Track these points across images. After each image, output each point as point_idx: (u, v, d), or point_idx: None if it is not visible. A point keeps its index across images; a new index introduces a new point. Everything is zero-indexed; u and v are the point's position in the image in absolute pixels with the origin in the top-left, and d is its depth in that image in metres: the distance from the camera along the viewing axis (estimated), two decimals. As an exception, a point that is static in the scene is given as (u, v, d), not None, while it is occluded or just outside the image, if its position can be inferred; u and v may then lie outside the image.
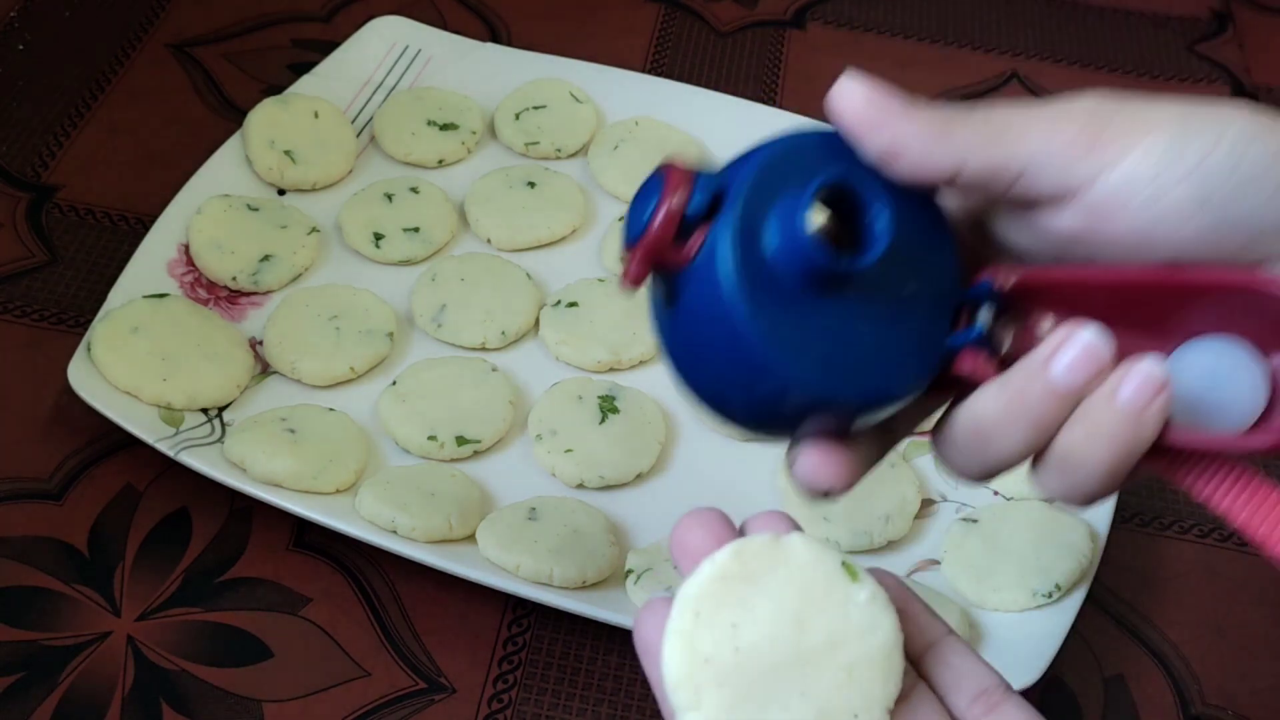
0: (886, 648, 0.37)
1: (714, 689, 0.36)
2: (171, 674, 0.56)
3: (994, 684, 0.38)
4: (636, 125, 0.80)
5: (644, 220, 0.37)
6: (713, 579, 0.37)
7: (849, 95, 0.37)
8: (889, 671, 0.37)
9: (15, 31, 0.85)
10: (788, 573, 0.37)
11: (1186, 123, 0.37)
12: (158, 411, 0.63)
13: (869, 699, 0.37)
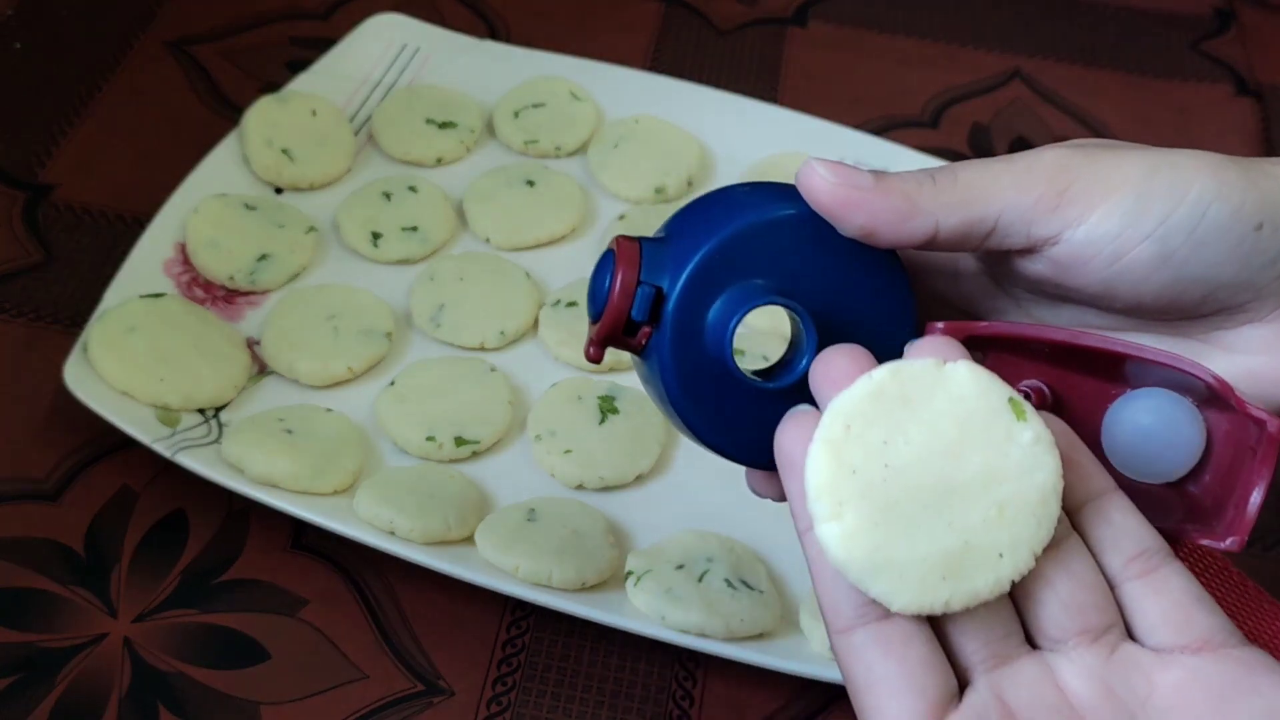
0: (1044, 491, 0.36)
1: (857, 501, 0.35)
2: (168, 676, 0.56)
3: (1155, 545, 0.37)
4: (636, 123, 0.80)
5: (597, 310, 0.41)
6: (868, 395, 0.36)
7: (817, 182, 0.39)
8: (1043, 516, 0.36)
9: (11, 30, 0.84)
10: (948, 401, 0.36)
11: (1150, 181, 0.38)
12: (154, 412, 0.62)
13: (1017, 540, 0.35)
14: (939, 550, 0.35)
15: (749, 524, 0.62)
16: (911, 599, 0.35)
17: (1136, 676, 0.36)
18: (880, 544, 0.35)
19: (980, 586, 0.35)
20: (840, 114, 0.81)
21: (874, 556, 0.35)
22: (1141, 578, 0.37)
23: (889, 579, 0.35)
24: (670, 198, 0.77)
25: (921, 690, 0.35)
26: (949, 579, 0.35)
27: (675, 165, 0.78)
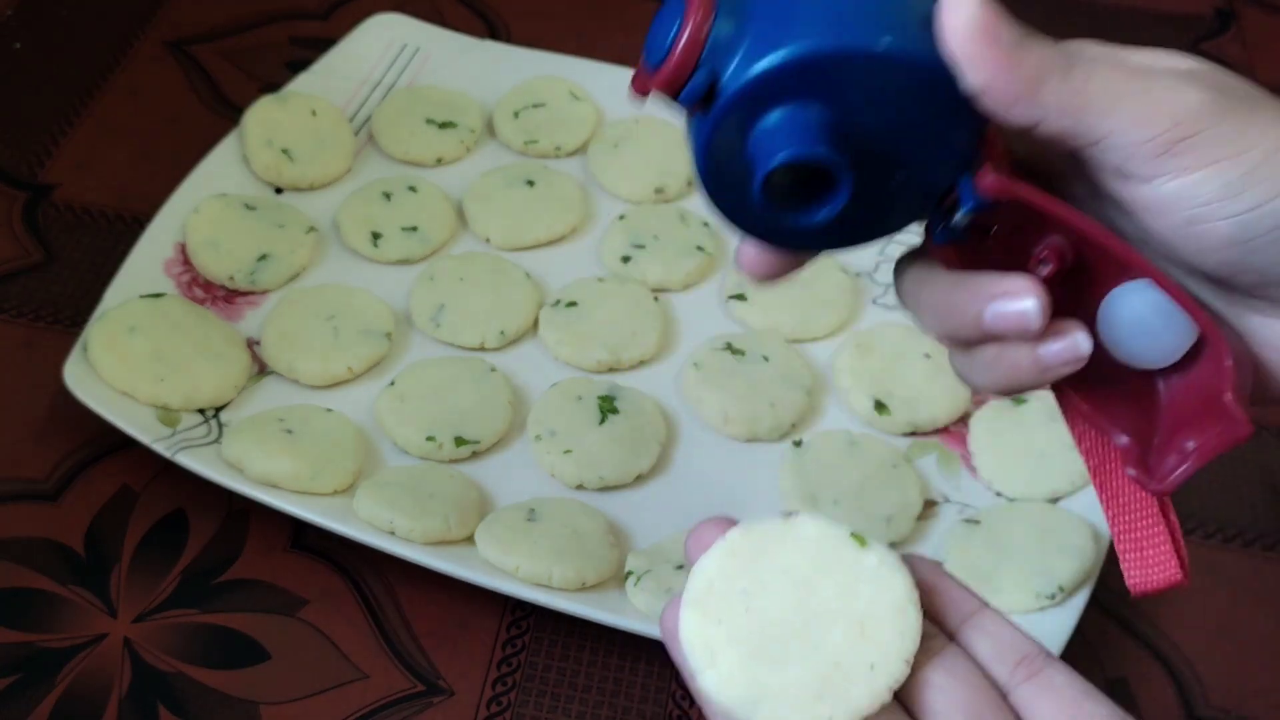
0: (899, 603, 0.38)
1: (726, 647, 0.38)
2: (168, 676, 0.56)
3: (1034, 651, 0.39)
4: (636, 123, 0.80)
5: (654, 64, 0.39)
6: (725, 554, 0.39)
7: (961, 16, 0.36)
8: (905, 627, 0.38)
9: (11, 29, 0.84)
10: (797, 545, 0.39)
11: (1267, 163, 0.37)
12: (154, 412, 0.62)
13: (884, 651, 0.38)
14: (811, 674, 0.37)
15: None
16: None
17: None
18: (754, 680, 0.37)
19: (860, 700, 0.37)
20: (840, 114, 0.81)
21: (751, 692, 0.37)
22: (1029, 681, 0.38)
23: (770, 710, 0.37)
24: (670, 198, 0.77)
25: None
26: (825, 697, 0.37)
27: (675, 165, 0.78)
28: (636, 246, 0.73)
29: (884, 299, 0.74)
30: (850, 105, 0.37)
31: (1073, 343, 0.39)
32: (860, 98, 0.37)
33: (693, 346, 0.70)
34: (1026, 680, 0.38)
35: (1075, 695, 0.38)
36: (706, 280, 0.74)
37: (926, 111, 0.37)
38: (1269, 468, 0.69)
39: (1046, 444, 0.65)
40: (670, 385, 0.68)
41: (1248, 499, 0.68)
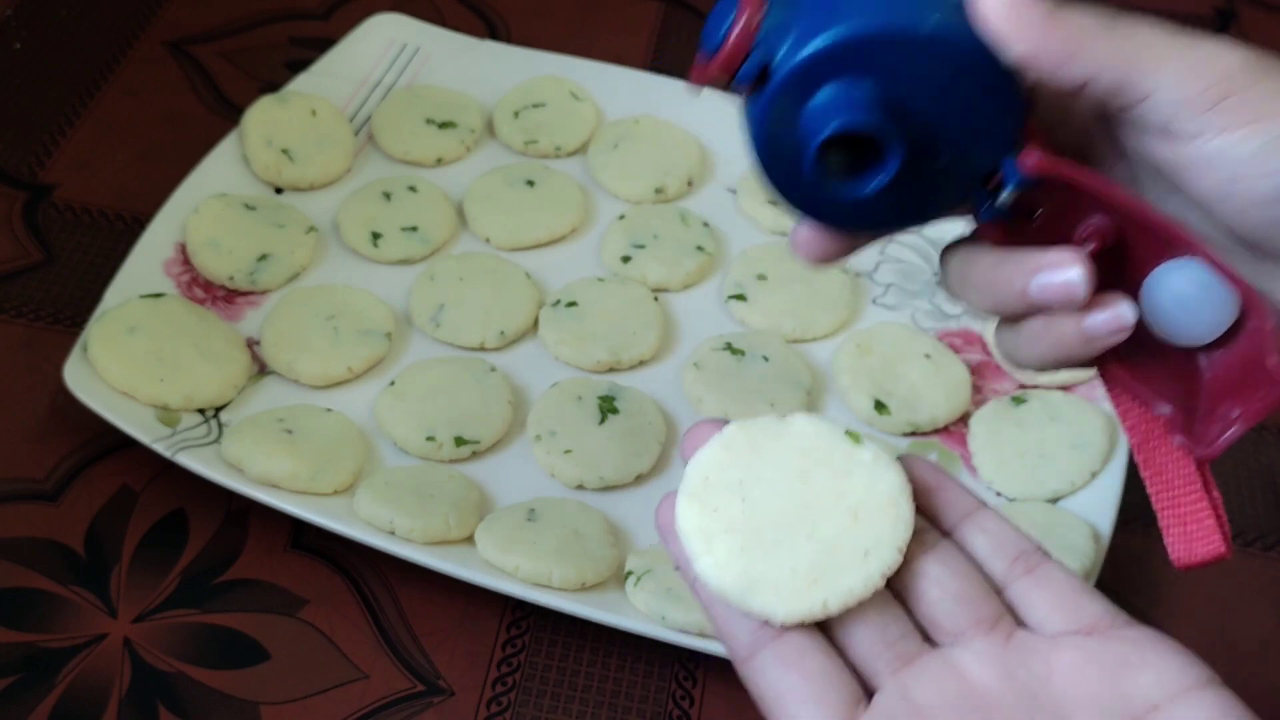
0: (893, 493, 0.39)
1: (724, 535, 0.38)
2: (168, 676, 0.56)
3: (1031, 548, 0.39)
4: (636, 123, 0.80)
5: (710, 50, 0.41)
6: (721, 448, 0.40)
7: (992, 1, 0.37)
8: (897, 516, 0.39)
9: (11, 29, 0.84)
10: (792, 441, 0.40)
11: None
12: (154, 412, 0.62)
13: (878, 539, 0.38)
14: (805, 561, 0.38)
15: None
16: (790, 608, 0.38)
17: (1034, 659, 0.37)
18: (750, 565, 0.38)
19: (853, 584, 0.38)
20: (840, 114, 0.81)
21: (747, 577, 0.38)
22: (1026, 575, 0.39)
23: (764, 594, 0.38)
24: (670, 198, 0.77)
25: (823, 697, 0.37)
26: (820, 582, 0.38)
27: (675, 165, 0.78)
28: (636, 246, 0.73)
29: (884, 299, 0.74)
30: (897, 84, 0.38)
31: (1117, 313, 0.39)
32: (907, 77, 0.38)
33: (693, 346, 0.70)
34: (1023, 575, 0.38)
35: (1071, 590, 0.38)
36: (706, 280, 0.74)
37: (971, 91, 0.38)
38: (1269, 468, 0.69)
39: (1046, 444, 0.65)
40: (670, 385, 0.68)
41: (1248, 499, 0.68)
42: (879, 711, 0.36)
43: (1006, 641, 0.37)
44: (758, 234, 0.76)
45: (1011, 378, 0.70)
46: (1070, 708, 0.36)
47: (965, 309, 0.43)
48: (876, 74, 0.38)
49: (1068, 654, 0.37)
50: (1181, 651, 0.37)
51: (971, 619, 0.38)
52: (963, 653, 0.37)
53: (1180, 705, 0.36)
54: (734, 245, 0.76)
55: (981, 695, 0.36)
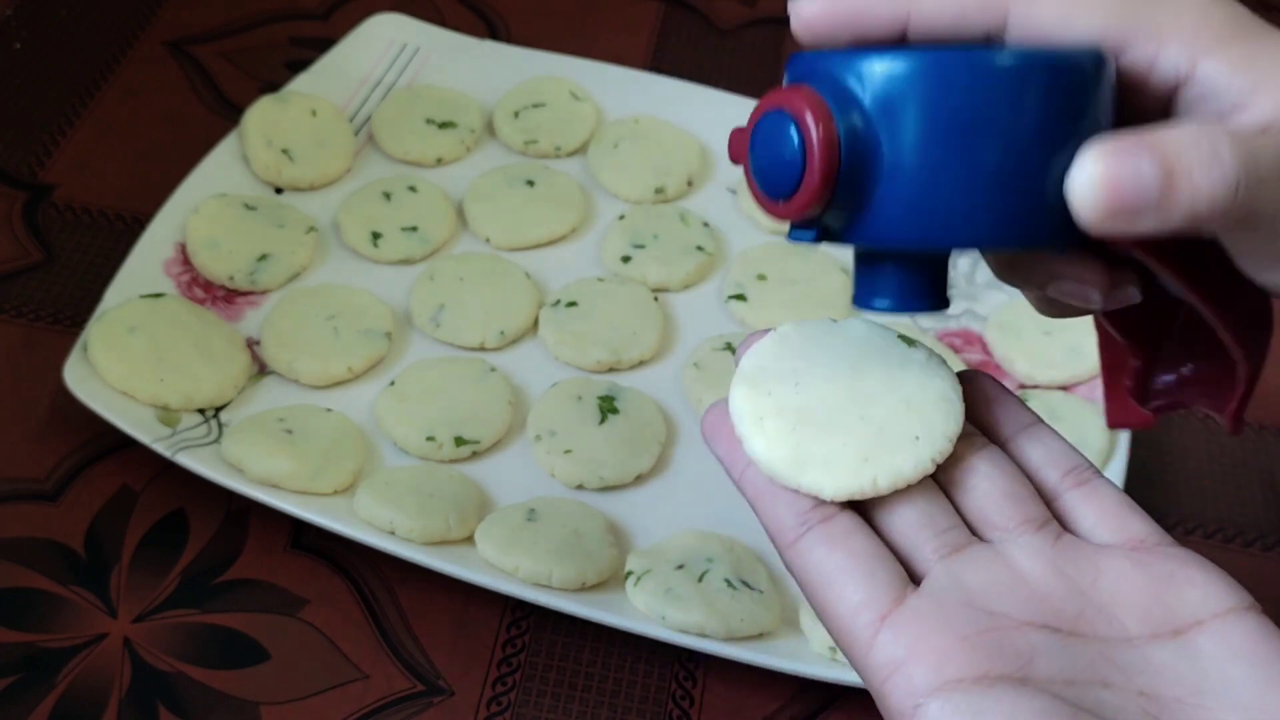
0: (944, 390, 0.39)
1: (775, 415, 0.38)
2: (168, 676, 0.56)
3: (1085, 463, 0.39)
4: (636, 123, 0.80)
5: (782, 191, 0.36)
6: (776, 341, 0.40)
7: (1088, 194, 0.33)
8: (948, 411, 0.39)
9: (11, 29, 0.84)
10: (846, 339, 0.40)
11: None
12: (154, 412, 0.62)
13: (929, 426, 0.38)
14: (856, 439, 0.38)
15: (749, 524, 0.62)
16: (840, 484, 0.37)
17: (1083, 561, 0.37)
18: (801, 444, 0.38)
19: (902, 465, 0.37)
20: (840, 114, 0.81)
21: (797, 454, 0.38)
22: (1077, 488, 0.39)
23: (814, 471, 0.37)
24: (670, 197, 0.77)
25: (873, 574, 0.36)
26: (870, 461, 0.37)
27: (675, 165, 0.78)
28: (636, 246, 0.73)
29: (884, 299, 0.74)
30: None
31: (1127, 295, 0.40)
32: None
33: (693, 346, 0.70)
34: (1074, 487, 0.39)
35: (1120, 506, 0.38)
36: (706, 280, 0.74)
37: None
38: (1269, 468, 0.69)
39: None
40: (670, 385, 0.68)
41: (1248, 499, 0.68)
42: (930, 592, 0.36)
43: (1055, 541, 0.37)
44: (758, 234, 0.76)
45: (1011, 377, 0.70)
46: (1117, 610, 0.36)
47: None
48: (939, 262, 0.39)
49: (1115, 561, 0.37)
50: (1224, 576, 0.37)
51: (1020, 517, 0.37)
52: (1012, 547, 0.37)
53: (1223, 623, 0.35)
54: (734, 245, 0.76)
55: (1033, 585, 0.36)
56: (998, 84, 0.34)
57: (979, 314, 0.73)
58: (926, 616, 0.35)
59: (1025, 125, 0.35)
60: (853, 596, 0.36)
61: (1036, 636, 0.35)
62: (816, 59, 0.36)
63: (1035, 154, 0.35)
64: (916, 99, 0.35)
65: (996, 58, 0.35)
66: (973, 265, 0.76)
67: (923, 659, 0.34)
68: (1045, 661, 0.34)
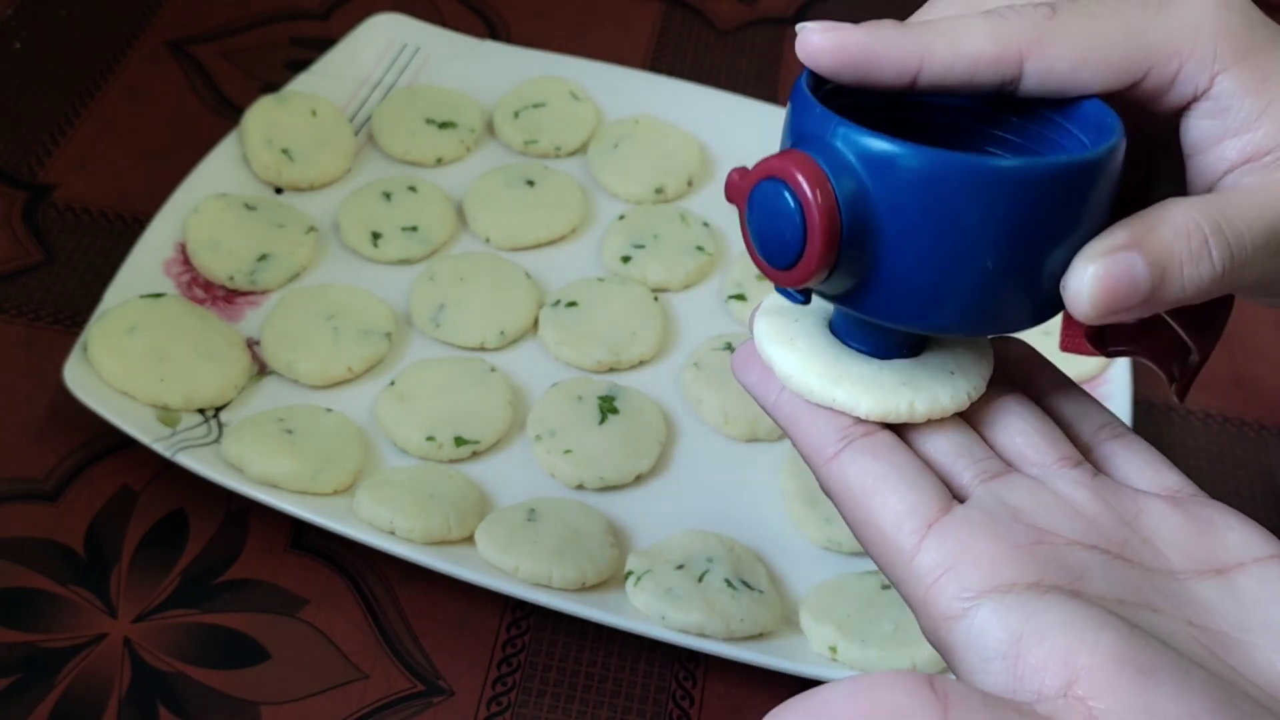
0: (979, 342, 0.39)
1: (805, 337, 0.37)
2: (168, 676, 0.56)
3: (1117, 421, 0.40)
4: (636, 123, 0.80)
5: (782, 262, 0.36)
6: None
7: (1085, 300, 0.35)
8: (980, 352, 0.38)
9: (11, 29, 0.84)
10: None
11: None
12: (154, 412, 0.62)
13: (963, 363, 0.38)
14: (892, 366, 0.37)
15: (749, 524, 0.62)
16: (876, 403, 0.36)
17: (1124, 497, 0.37)
18: (836, 360, 0.37)
19: (940, 395, 0.37)
20: (840, 114, 0.81)
21: (832, 369, 0.37)
22: (1113, 439, 0.39)
23: (850, 385, 0.36)
24: (670, 197, 0.77)
25: (918, 485, 0.35)
26: (909, 385, 0.37)
27: (675, 165, 0.78)
28: (636, 246, 0.73)
29: (884, 299, 0.74)
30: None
31: None
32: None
33: (693, 346, 0.70)
34: (1110, 439, 0.39)
35: (1155, 460, 0.39)
36: (706, 280, 0.74)
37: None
38: (1269, 468, 0.69)
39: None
40: (670, 385, 0.68)
41: (1248, 499, 0.68)
42: (977, 504, 0.35)
43: (1094, 477, 0.37)
44: (758, 234, 0.76)
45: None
46: (1160, 545, 0.36)
47: None
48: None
49: (1155, 503, 0.37)
50: (1261, 528, 0.37)
51: (1057, 455, 0.37)
52: (1055, 478, 0.37)
53: (1264, 567, 0.36)
54: (734, 245, 0.76)
55: (1079, 509, 0.36)
56: (1001, 192, 0.34)
57: (979, 314, 0.73)
58: (976, 525, 0.34)
59: (1029, 229, 0.35)
60: (898, 505, 0.35)
61: (1087, 555, 0.35)
62: (821, 123, 0.35)
63: (1037, 253, 0.35)
64: (920, 196, 0.34)
65: (1002, 167, 0.34)
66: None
67: (974, 563, 0.33)
68: (1096, 579, 0.34)
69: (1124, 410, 0.67)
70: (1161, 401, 0.72)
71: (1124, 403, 0.67)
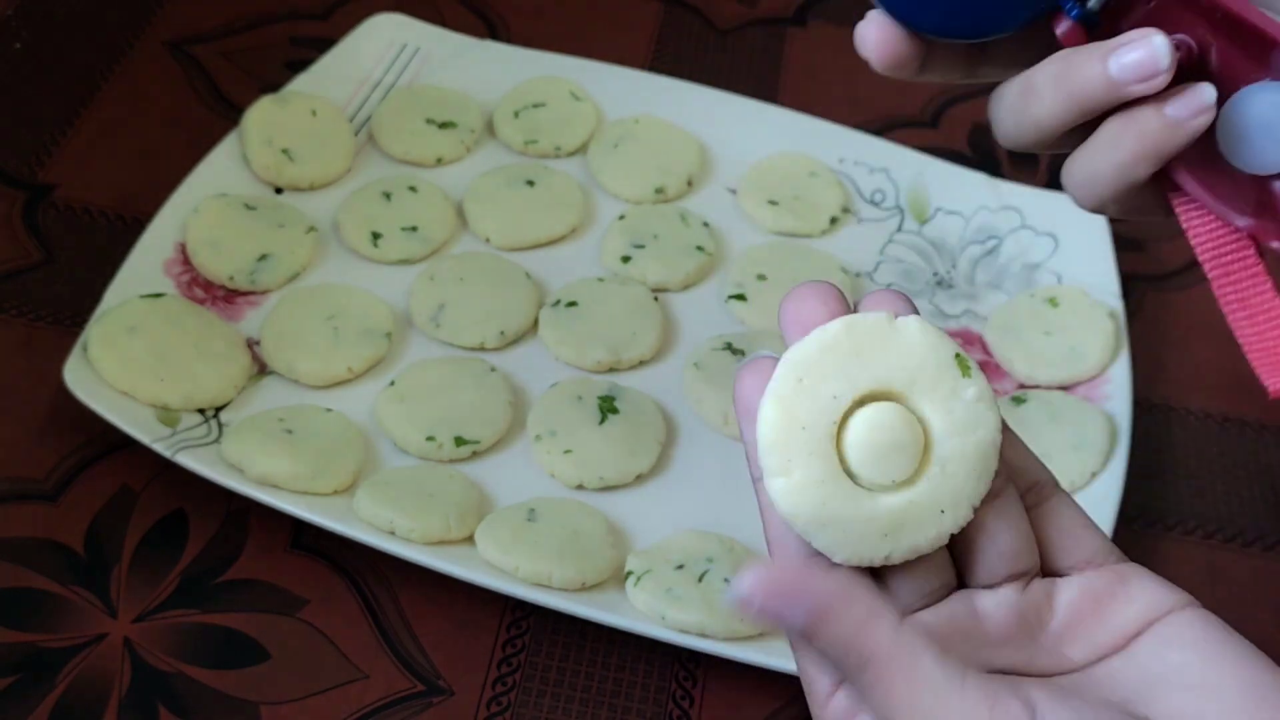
0: (985, 447, 0.37)
1: (805, 458, 0.36)
2: (168, 676, 0.56)
3: (1046, 479, 0.39)
4: (636, 123, 0.80)
5: None
6: (821, 348, 0.36)
7: None
8: (983, 472, 0.37)
9: (11, 29, 0.84)
10: (899, 355, 0.37)
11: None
12: (154, 412, 0.62)
13: (958, 496, 0.36)
14: (883, 510, 0.36)
15: (749, 524, 0.62)
16: (853, 553, 0.36)
17: (1043, 604, 0.38)
18: (826, 500, 0.36)
19: (920, 542, 0.36)
20: (840, 114, 0.81)
21: (820, 512, 0.36)
22: (1036, 508, 0.39)
23: (833, 534, 0.36)
24: (670, 197, 0.77)
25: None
26: (890, 536, 0.36)
27: (675, 165, 0.78)
28: (636, 246, 0.73)
29: (884, 299, 0.74)
30: None
31: (1199, 93, 0.39)
32: None
33: (693, 346, 0.70)
34: (1033, 507, 0.39)
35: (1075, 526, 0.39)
36: (706, 280, 0.74)
37: None
38: (1269, 468, 0.69)
39: (1046, 444, 0.65)
40: (670, 385, 0.68)
41: (1248, 499, 0.68)
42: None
43: (1024, 590, 0.38)
44: (758, 234, 0.76)
45: (1011, 377, 0.70)
46: (1063, 647, 0.37)
47: (1019, 141, 0.42)
48: None
49: (1066, 594, 0.38)
50: (1163, 582, 0.38)
51: (1008, 572, 0.38)
52: (986, 597, 0.38)
53: (1162, 624, 0.37)
54: (734, 245, 0.76)
55: (988, 632, 0.37)
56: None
57: (979, 314, 0.73)
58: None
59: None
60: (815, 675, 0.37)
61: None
62: None
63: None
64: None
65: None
66: (972, 265, 0.76)
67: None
68: None
69: (1124, 410, 0.67)
70: (1161, 401, 0.72)
71: (1124, 403, 0.67)
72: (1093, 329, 0.70)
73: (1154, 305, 0.76)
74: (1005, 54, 0.43)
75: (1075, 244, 0.75)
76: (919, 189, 0.79)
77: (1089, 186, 0.41)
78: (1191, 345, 0.75)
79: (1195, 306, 0.76)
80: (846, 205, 0.78)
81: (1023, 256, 0.75)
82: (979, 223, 0.77)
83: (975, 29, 0.41)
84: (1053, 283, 0.74)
